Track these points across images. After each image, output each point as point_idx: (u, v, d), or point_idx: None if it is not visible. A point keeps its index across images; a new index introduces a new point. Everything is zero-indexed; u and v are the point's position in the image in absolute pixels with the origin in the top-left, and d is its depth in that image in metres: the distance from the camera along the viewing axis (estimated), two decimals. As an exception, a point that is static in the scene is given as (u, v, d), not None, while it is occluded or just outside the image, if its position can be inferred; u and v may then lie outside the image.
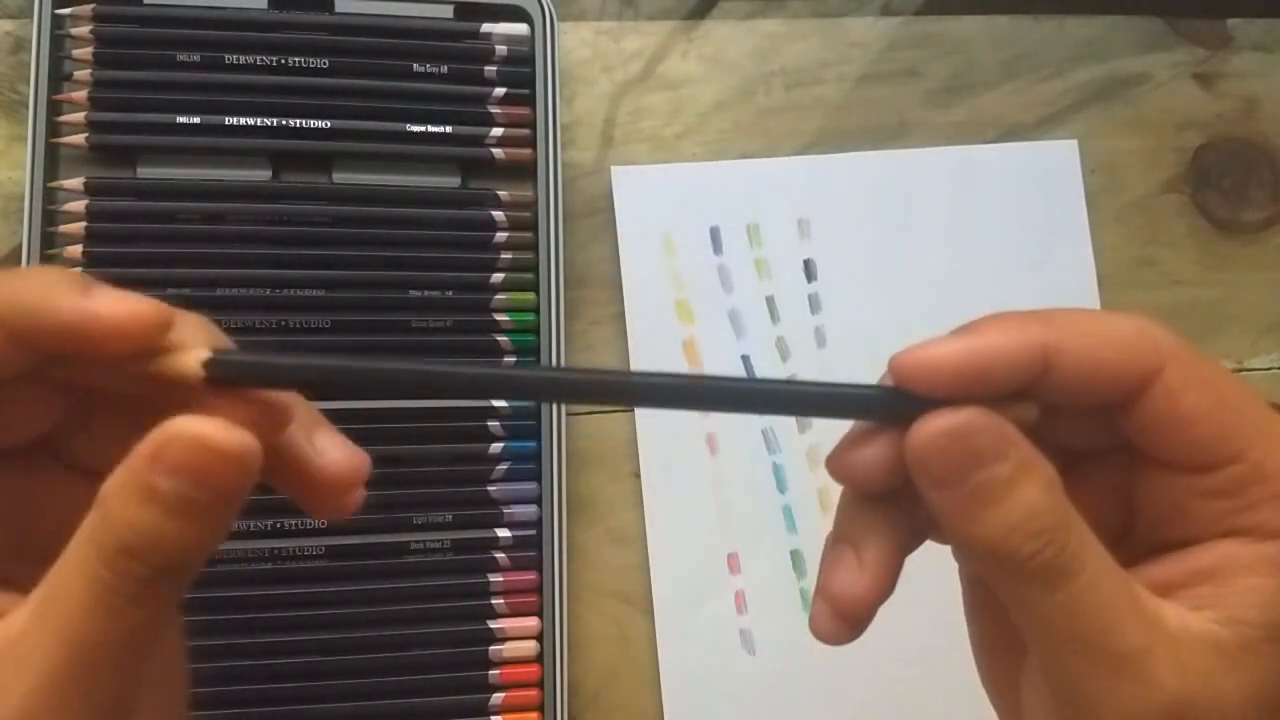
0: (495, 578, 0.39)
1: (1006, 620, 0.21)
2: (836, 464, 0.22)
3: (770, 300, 0.44)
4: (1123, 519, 0.22)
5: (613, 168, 0.44)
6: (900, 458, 0.20)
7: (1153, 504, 0.22)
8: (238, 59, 0.40)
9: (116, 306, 0.19)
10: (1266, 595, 0.20)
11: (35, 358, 0.19)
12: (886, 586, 0.22)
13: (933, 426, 0.19)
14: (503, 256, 0.41)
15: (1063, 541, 0.19)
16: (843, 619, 0.22)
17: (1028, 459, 0.19)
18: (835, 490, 0.44)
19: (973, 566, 0.21)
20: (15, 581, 0.20)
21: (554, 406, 0.40)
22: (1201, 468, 0.20)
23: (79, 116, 0.39)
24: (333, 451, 0.22)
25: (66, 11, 0.39)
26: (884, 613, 0.44)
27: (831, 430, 0.23)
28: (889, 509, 0.22)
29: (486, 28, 0.42)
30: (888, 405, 0.20)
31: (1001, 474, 0.19)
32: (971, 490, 0.19)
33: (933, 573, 0.24)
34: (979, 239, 0.45)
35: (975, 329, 0.20)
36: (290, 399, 0.21)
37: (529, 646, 0.39)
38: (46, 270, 0.20)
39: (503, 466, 0.40)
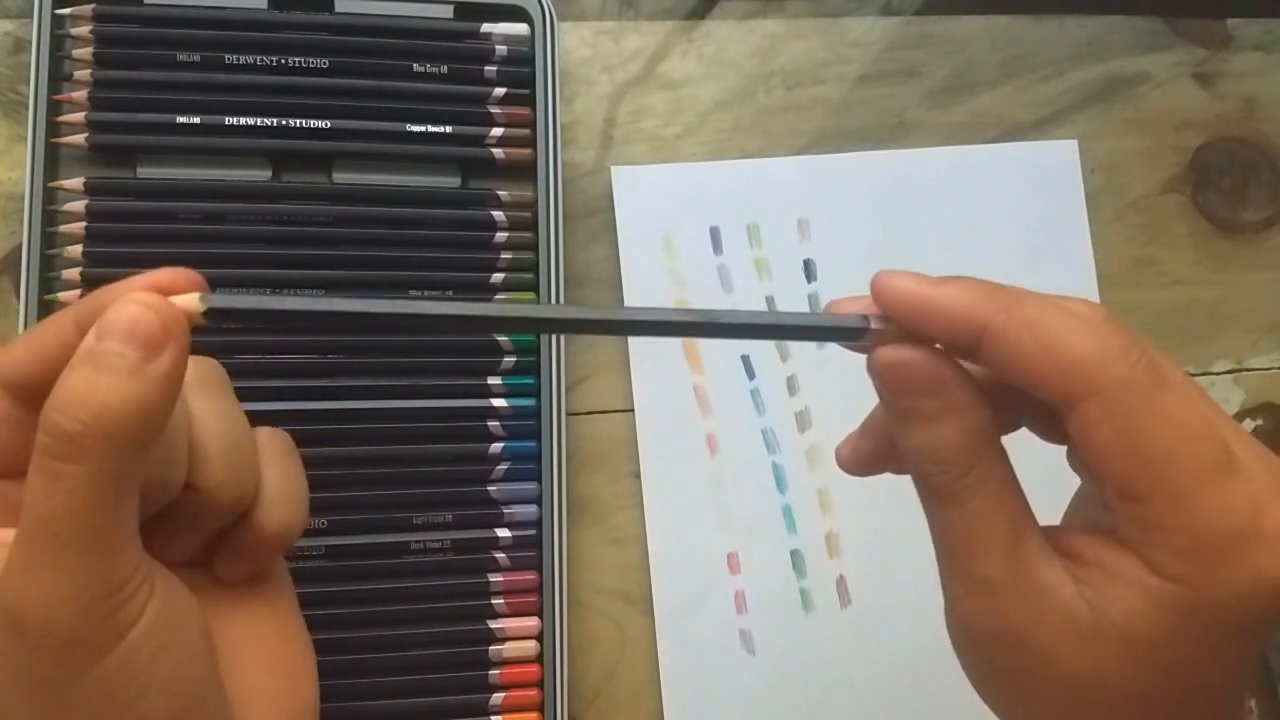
0: (495, 578, 0.39)
1: None
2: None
3: (770, 300, 0.44)
4: None
5: (613, 168, 0.44)
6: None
7: (1100, 494, 0.23)
8: (238, 59, 0.40)
9: (150, 278, 0.22)
10: (1133, 611, 0.21)
11: None
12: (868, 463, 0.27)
13: (883, 355, 0.23)
14: (503, 256, 0.41)
15: (956, 475, 0.23)
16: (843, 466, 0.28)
17: (956, 403, 0.23)
18: (835, 490, 0.44)
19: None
20: None
21: (554, 406, 0.40)
22: (1113, 491, 0.22)
23: (79, 116, 0.39)
24: (229, 571, 0.26)
25: (66, 11, 0.39)
26: (884, 613, 0.44)
27: (831, 432, 0.23)
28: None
29: (486, 28, 0.42)
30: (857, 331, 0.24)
31: (926, 407, 0.23)
32: (900, 409, 0.23)
33: (932, 575, 0.25)
34: (979, 239, 0.45)
35: (948, 280, 0.23)
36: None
37: (529, 646, 0.39)
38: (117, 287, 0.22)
39: (503, 466, 0.40)
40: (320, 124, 0.40)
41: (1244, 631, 0.22)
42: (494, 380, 0.40)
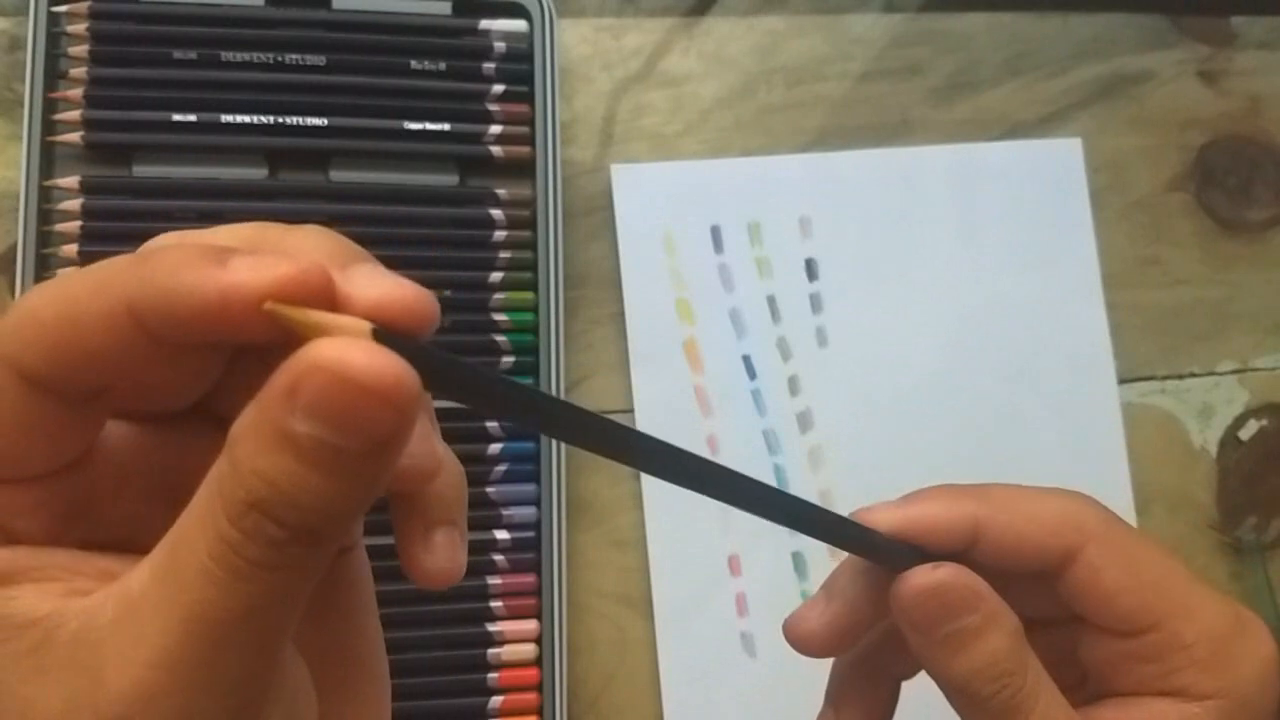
0: (494, 580, 0.39)
1: None
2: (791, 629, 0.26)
3: (771, 299, 0.44)
4: (1076, 672, 0.25)
5: (612, 166, 0.44)
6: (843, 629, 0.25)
7: (1097, 662, 0.25)
8: (234, 56, 0.39)
9: (259, 273, 0.16)
10: None
11: (183, 350, 0.17)
12: None
13: (915, 582, 0.23)
14: (501, 255, 0.41)
15: (1018, 684, 0.23)
16: None
17: (994, 610, 0.23)
18: (837, 491, 0.44)
19: (946, 696, 0.24)
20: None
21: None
22: (1127, 633, 0.23)
23: (74, 115, 0.39)
24: (441, 550, 0.22)
25: (62, 9, 0.39)
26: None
27: (832, 433, 0.23)
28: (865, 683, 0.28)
29: (485, 24, 0.41)
30: (876, 550, 0.23)
31: (971, 624, 0.23)
32: (943, 638, 0.23)
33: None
34: (982, 238, 0.45)
35: (916, 498, 0.24)
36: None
37: (528, 650, 0.39)
38: (173, 249, 0.17)
39: (502, 467, 0.40)
40: (317, 122, 0.40)
41: (1267, 714, 0.24)
42: (493, 380, 0.40)
